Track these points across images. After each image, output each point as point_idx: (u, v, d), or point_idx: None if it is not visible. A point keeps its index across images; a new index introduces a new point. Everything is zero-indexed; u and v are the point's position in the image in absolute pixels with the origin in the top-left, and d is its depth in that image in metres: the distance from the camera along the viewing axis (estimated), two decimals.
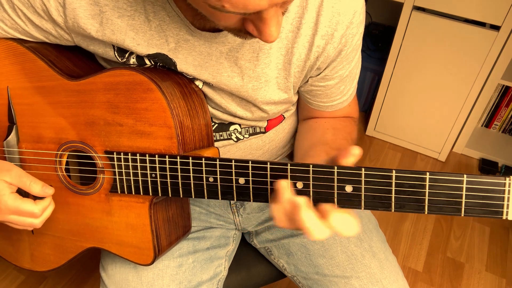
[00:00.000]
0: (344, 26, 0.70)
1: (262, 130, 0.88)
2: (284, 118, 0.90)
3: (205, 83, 0.76)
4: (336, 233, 0.58)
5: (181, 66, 0.73)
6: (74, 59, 0.81)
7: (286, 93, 0.78)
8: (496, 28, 1.77)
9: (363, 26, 0.75)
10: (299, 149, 0.88)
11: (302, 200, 0.58)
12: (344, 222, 0.57)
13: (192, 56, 0.72)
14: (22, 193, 0.75)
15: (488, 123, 2.36)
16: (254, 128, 0.86)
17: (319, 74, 0.78)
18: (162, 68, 0.75)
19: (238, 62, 0.72)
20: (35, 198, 0.75)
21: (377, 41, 2.40)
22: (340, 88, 0.82)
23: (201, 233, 0.94)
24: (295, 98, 0.84)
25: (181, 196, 0.69)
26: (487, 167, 2.17)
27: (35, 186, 0.74)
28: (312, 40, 0.71)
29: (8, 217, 0.73)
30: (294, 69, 0.75)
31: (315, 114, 0.90)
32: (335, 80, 0.79)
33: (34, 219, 0.74)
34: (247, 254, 1.04)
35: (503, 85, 2.19)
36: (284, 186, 0.60)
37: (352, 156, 0.58)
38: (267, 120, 0.87)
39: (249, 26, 0.57)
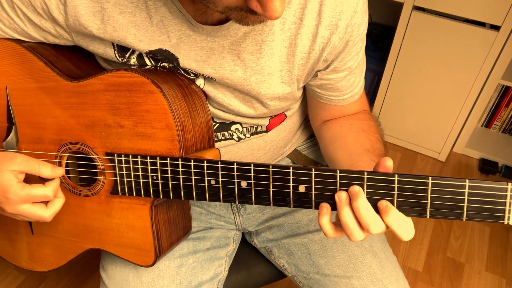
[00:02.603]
0: (349, 16, 0.70)
1: (264, 129, 0.87)
2: (286, 117, 0.90)
3: (207, 80, 0.76)
4: (393, 232, 0.59)
5: (184, 62, 0.73)
6: (73, 60, 0.81)
7: (290, 87, 0.78)
8: (496, 28, 1.77)
9: (367, 16, 0.75)
10: (339, 161, 0.83)
11: (358, 188, 0.60)
12: (402, 223, 0.59)
13: (194, 51, 0.72)
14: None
15: (488, 123, 2.36)
16: (255, 127, 0.86)
17: (328, 67, 0.77)
18: (163, 67, 0.75)
19: (241, 55, 0.72)
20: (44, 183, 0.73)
21: (377, 41, 2.40)
22: (350, 81, 0.81)
23: (201, 234, 0.94)
24: (298, 94, 0.83)
25: (183, 199, 0.69)
26: (487, 167, 2.17)
27: (45, 168, 0.72)
28: (316, 31, 0.71)
29: (20, 208, 0.71)
30: (298, 61, 0.74)
31: (329, 112, 0.89)
32: (344, 72, 0.79)
33: (44, 210, 0.72)
34: (248, 254, 1.03)
35: (503, 85, 2.18)
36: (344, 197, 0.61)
37: (387, 168, 0.60)
38: (269, 119, 0.87)
39: (252, 2, 0.54)
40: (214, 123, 0.83)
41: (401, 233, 0.59)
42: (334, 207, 0.62)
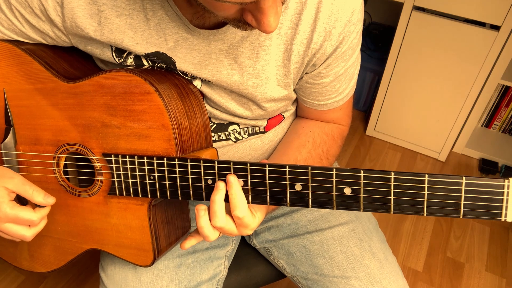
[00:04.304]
0: (343, 24, 0.70)
1: (262, 130, 0.87)
2: (284, 118, 0.90)
3: (204, 81, 0.76)
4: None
5: (180, 65, 0.73)
6: (70, 61, 0.81)
7: (286, 90, 0.78)
8: (496, 28, 1.77)
9: (361, 25, 0.75)
10: (277, 150, 0.91)
11: (222, 184, 0.66)
12: (241, 197, 0.66)
13: (191, 55, 0.72)
14: (22, 201, 0.75)
15: (488, 123, 2.36)
16: (253, 128, 0.86)
17: (313, 71, 0.77)
18: (160, 69, 0.75)
19: (238, 60, 0.72)
20: (34, 206, 0.74)
21: (377, 41, 2.40)
22: (335, 87, 0.81)
23: None
24: (294, 95, 0.84)
25: (180, 199, 0.69)
26: (487, 167, 2.17)
27: (38, 195, 0.73)
28: (310, 37, 0.71)
29: (3, 225, 0.71)
30: (292, 66, 0.74)
31: (309, 114, 0.90)
32: (329, 78, 0.79)
33: (26, 230, 0.73)
34: (247, 254, 1.03)
35: (503, 85, 2.18)
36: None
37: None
38: (267, 120, 0.87)
39: (247, 17, 0.56)
40: (212, 124, 0.83)
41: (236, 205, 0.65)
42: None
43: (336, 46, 0.73)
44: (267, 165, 0.62)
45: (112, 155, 0.71)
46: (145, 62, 0.75)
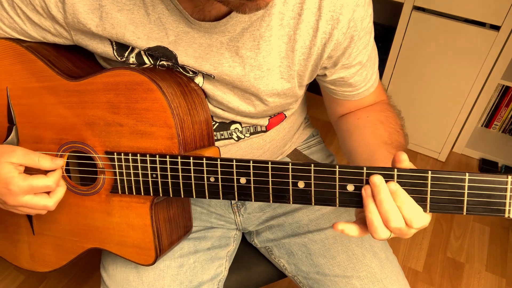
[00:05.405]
0: (350, 10, 0.69)
1: (263, 129, 0.87)
2: (285, 117, 0.90)
3: (206, 77, 0.76)
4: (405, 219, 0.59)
5: (182, 59, 0.73)
6: (73, 59, 0.81)
7: (289, 83, 0.77)
8: (496, 28, 1.77)
9: (371, 8, 0.74)
10: (357, 153, 0.83)
11: (379, 179, 0.59)
12: (413, 206, 0.58)
13: (193, 48, 0.72)
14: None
15: (488, 123, 2.36)
16: (255, 127, 0.86)
17: (336, 64, 0.77)
18: (162, 65, 0.75)
19: (239, 52, 0.72)
20: (45, 173, 0.73)
21: (377, 41, 2.38)
22: (363, 75, 0.81)
23: (202, 233, 0.94)
24: (299, 92, 0.82)
25: (182, 196, 0.69)
26: (487, 167, 2.17)
27: (44, 160, 0.72)
28: (316, 26, 0.70)
29: (22, 199, 0.71)
30: (298, 57, 0.74)
31: (345, 106, 0.89)
32: (355, 68, 0.78)
33: (47, 200, 0.72)
34: (248, 254, 1.03)
35: (503, 85, 2.18)
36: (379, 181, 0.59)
37: (403, 162, 0.59)
38: (269, 119, 0.87)
39: None
40: (214, 123, 0.83)
41: (412, 217, 0.58)
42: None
43: (351, 34, 0.72)
44: (269, 163, 0.62)
45: (115, 153, 0.71)
46: (146, 60, 0.75)
